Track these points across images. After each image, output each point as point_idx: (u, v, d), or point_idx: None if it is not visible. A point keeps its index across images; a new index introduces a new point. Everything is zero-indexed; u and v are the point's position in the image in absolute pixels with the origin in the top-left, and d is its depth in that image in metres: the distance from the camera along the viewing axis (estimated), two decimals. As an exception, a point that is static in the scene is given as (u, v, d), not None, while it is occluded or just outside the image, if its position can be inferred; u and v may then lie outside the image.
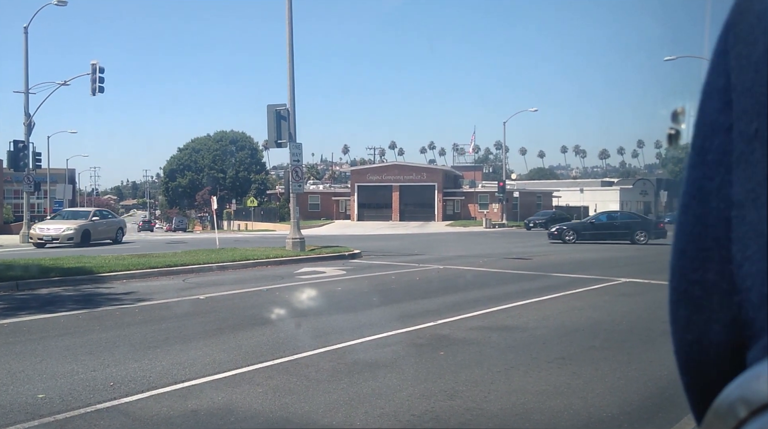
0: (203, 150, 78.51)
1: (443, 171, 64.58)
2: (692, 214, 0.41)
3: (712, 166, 0.40)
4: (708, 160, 0.40)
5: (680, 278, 0.42)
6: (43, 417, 4.36)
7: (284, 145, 19.13)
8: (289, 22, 19.09)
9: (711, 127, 0.40)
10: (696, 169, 0.41)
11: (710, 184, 0.40)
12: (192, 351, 6.31)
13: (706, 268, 0.40)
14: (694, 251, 0.41)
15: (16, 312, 8.78)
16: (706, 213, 0.40)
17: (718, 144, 0.40)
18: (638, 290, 10.51)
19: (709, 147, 0.40)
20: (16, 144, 27.93)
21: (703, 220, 0.40)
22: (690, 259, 0.41)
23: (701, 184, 0.41)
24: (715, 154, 0.40)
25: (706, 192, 0.40)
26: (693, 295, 0.41)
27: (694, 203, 0.41)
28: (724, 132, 0.39)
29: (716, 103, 0.40)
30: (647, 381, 5.19)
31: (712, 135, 0.40)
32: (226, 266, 14.77)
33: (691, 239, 0.41)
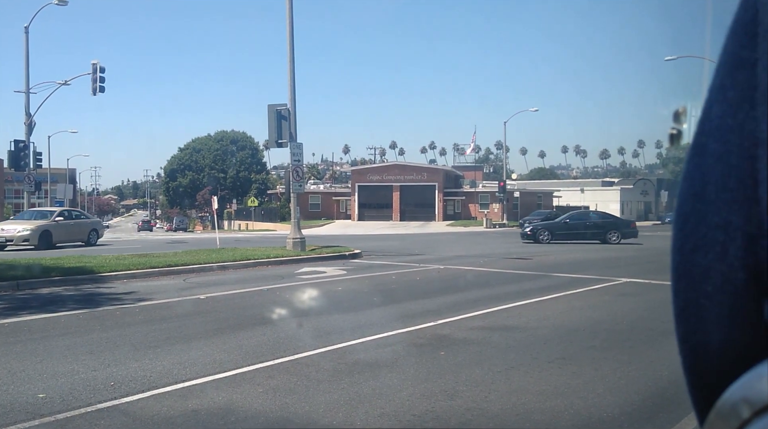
0: (204, 150, 78.53)
1: (444, 171, 64.57)
2: (711, 153, 0.39)
3: (734, 103, 0.38)
4: (729, 96, 0.38)
5: (698, 223, 0.39)
6: (44, 416, 4.36)
7: (285, 145, 19.14)
8: (289, 21, 19.09)
9: (735, 62, 0.39)
10: (715, 107, 0.39)
11: (732, 121, 0.38)
12: (193, 351, 6.31)
13: (730, 210, 0.37)
14: (716, 193, 0.38)
15: (17, 311, 8.78)
16: (729, 151, 0.38)
17: (742, 79, 0.38)
18: (639, 290, 10.50)
19: (730, 83, 0.39)
20: (17, 143, 27.92)
21: (724, 159, 0.38)
22: (711, 203, 0.38)
23: (721, 121, 0.38)
24: (738, 89, 0.38)
25: (729, 129, 0.38)
26: (715, 240, 0.38)
27: (712, 142, 0.39)
28: (749, 67, 0.38)
29: (741, 38, 0.39)
30: (648, 381, 5.19)
31: (736, 70, 0.38)
32: (226, 266, 14.77)
33: (712, 181, 0.38)
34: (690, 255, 0.40)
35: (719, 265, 0.38)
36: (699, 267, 0.39)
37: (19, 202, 52.67)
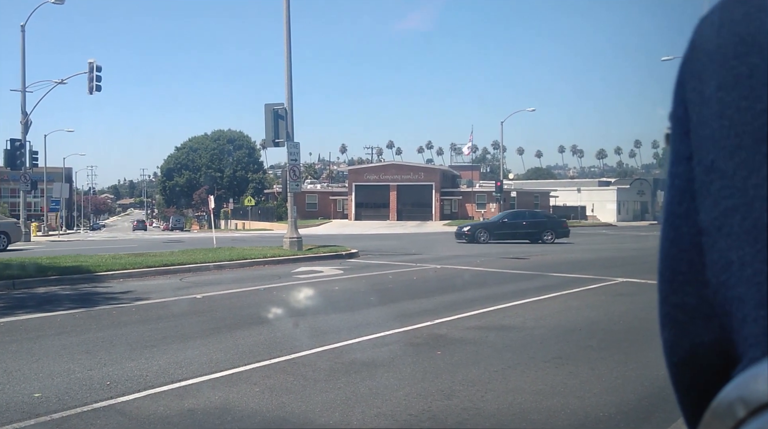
0: (201, 149, 78.44)
1: (441, 170, 64.60)
2: (667, 237, 0.41)
3: (679, 193, 0.40)
4: (676, 185, 0.41)
5: (663, 301, 0.42)
6: (40, 416, 4.35)
7: (282, 145, 19.13)
8: (286, 21, 19.08)
9: (675, 155, 0.41)
10: (668, 193, 0.42)
11: (679, 209, 0.40)
12: (189, 350, 6.31)
13: (685, 292, 0.40)
14: (672, 275, 0.41)
15: (13, 311, 8.76)
16: (679, 238, 0.40)
17: (682, 171, 0.40)
18: (635, 290, 10.52)
19: (675, 173, 0.41)
20: (13, 142, 27.87)
21: (677, 244, 0.40)
22: (669, 283, 0.41)
23: (672, 208, 0.41)
24: (681, 180, 0.40)
25: (677, 217, 0.40)
26: (676, 319, 0.41)
27: (667, 227, 0.41)
28: (686, 160, 0.40)
29: (678, 131, 0.41)
30: (644, 381, 5.20)
31: (677, 162, 0.41)
32: (223, 265, 14.75)
33: (668, 264, 0.41)
34: (661, 329, 0.43)
35: (681, 340, 0.41)
36: (667, 341, 0.42)
37: (15, 202, 52.54)
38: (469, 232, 25.81)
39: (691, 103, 0.40)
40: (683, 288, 0.40)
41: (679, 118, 0.41)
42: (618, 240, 28.46)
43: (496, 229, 26.29)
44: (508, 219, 27.51)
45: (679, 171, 0.41)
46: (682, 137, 0.40)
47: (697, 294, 0.39)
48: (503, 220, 27.44)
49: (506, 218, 27.66)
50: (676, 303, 0.41)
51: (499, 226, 26.57)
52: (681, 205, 0.40)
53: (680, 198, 0.40)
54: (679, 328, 0.40)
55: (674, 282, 0.41)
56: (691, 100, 0.40)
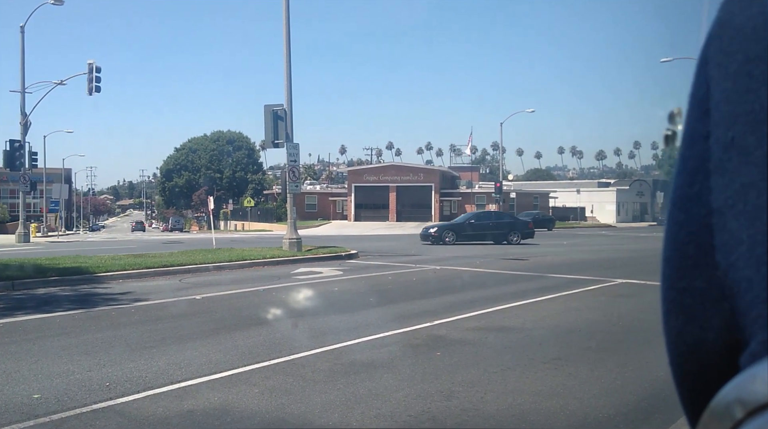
0: (200, 150, 78.44)
1: (440, 172, 64.59)
2: (676, 221, 0.41)
3: (692, 174, 0.40)
4: (689, 167, 0.41)
5: (669, 287, 0.42)
6: (39, 417, 4.35)
7: (281, 146, 19.13)
8: (286, 22, 19.09)
9: (691, 135, 0.41)
10: (678, 177, 0.42)
11: (691, 191, 0.40)
12: (188, 351, 6.30)
13: (693, 275, 0.40)
14: (680, 259, 0.41)
15: (12, 312, 8.76)
16: (689, 220, 0.40)
17: (697, 151, 0.40)
18: (634, 291, 10.52)
19: (689, 155, 0.41)
20: (13, 143, 27.86)
21: (686, 227, 0.40)
22: (676, 268, 0.41)
23: (683, 191, 0.41)
24: (694, 161, 0.40)
25: (688, 199, 0.40)
26: (683, 304, 0.40)
27: (676, 211, 0.41)
28: (702, 140, 0.40)
29: (696, 111, 0.41)
30: (644, 382, 5.20)
31: (692, 143, 0.41)
32: (222, 266, 14.75)
33: (676, 247, 0.41)
34: (665, 317, 0.42)
35: (689, 327, 0.40)
36: (673, 329, 0.42)
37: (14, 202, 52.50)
38: (436, 234, 25.37)
39: (714, 80, 0.40)
40: (692, 271, 0.40)
41: (699, 99, 0.41)
42: (617, 241, 28.46)
43: (463, 231, 25.87)
44: (475, 220, 27.16)
45: (694, 152, 0.40)
46: (701, 117, 0.40)
47: (706, 277, 0.39)
48: (470, 220, 26.98)
49: (473, 219, 27.26)
50: (684, 287, 0.40)
51: (465, 228, 26.12)
52: (693, 186, 0.40)
53: (692, 179, 0.40)
54: (687, 314, 0.40)
55: (682, 266, 0.40)
56: (715, 76, 0.40)
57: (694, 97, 0.42)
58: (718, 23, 0.41)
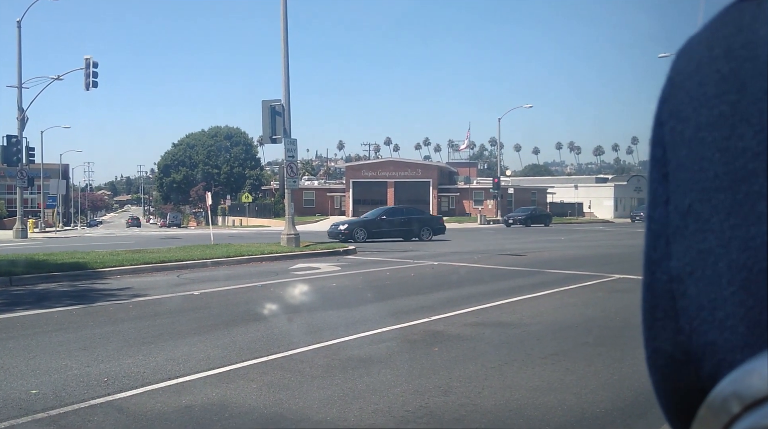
0: (198, 145, 78.29)
1: (438, 167, 64.60)
2: (644, 283, 0.42)
3: (655, 238, 0.40)
4: (653, 230, 0.41)
5: (645, 346, 0.42)
6: (36, 413, 4.35)
7: (279, 141, 19.10)
8: (283, 17, 19.04)
9: (653, 198, 0.41)
10: (646, 237, 0.42)
11: (654, 255, 0.40)
12: (186, 347, 6.30)
13: (661, 338, 0.40)
14: (650, 321, 0.41)
15: (10, 307, 8.75)
16: (653, 284, 0.40)
17: (658, 216, 0.40)
18: (632, 287, 10.54)
19: (653, 217, 0.41)
20: (10, 139, 27.80)
21: (651, 290, 0.41)
22: (647, 329, 0.42)
23: (648, 254, 0.41)
24: (657, 225, 0.40)
25: (652, 262, 0.40)
26: (656, 364, 0.41)
27: (645, 273, 0.41)
28: (663, 204, 0.40)
29: (656, 174, 0.40)
30: (640, 377, 5.21)
31: (655, 206, 0.40)
32: (220, 262, 14.75)
33: (647, 309, 0.42)
34: (648, 370, 0.43)
35: (664, 383, 0.41)
36: (652, 383, 0.42)
37: (11, 198, 52.40)
38: (347, 231, 23.77)
39: (670, 145, 0.39)
40: (660, 334, 0.40)
41: (657, 160, 0.40)
42: (615, 237, 28.49)
43: (375, 227, 24.82)
44: (387, 216, 26.07)
45: (656, 215, 0.40)
46: (661, 180, 0.40)
47: (672, 340, 0.39)
48: (381, 217, 25.81)
49: (384, 215, 26.16)
50: (655, 348, 0.41)
51: (377, 224, 25.09)
52: (656, 250, 0.40)
53: (655, 244, 0.40)
54: (660, 373, 0.41)
55: (652, 328, 0.41)
56: (670, 142, 0.39)
57: (653, 159, 0.41)
58: (671, 84, 0.40)
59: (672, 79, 0.40)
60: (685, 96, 0.39)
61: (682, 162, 0.38)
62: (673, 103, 0.40)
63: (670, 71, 0.40)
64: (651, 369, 0.42)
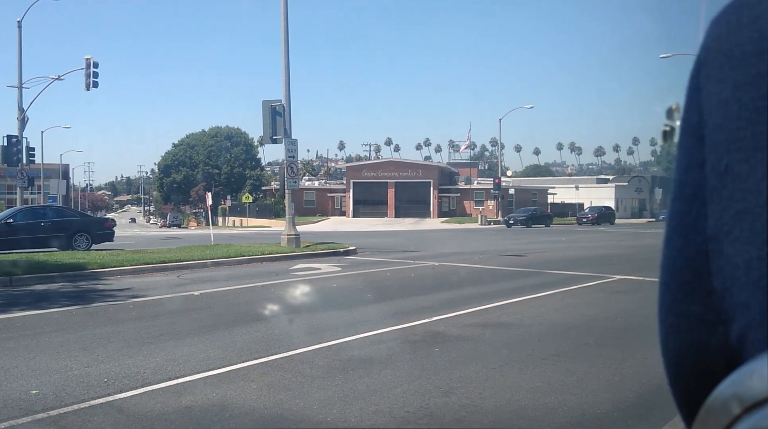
0: (198, 145, 78.32)
1: (439, 167, 64.61)
2: (674, 247, 0.42)
3: (689, 201, 0.41)
4: (685, 194, 0.41)
5: (667, 312, 0.42)
6: (36, 413, 4.35)
7: (279, 141, 19.10)
8: (284, 17, 19.05)
9: (687, 163, 0.42)
10: (676, 203, 0.42)
11: (688, 217, 0.41)
12: (186, 347, 6.30)
13: (690, 301, 0.40)
14: (677, 284, 0.41)
15: (10, 308, 8.75)
16: (686, 246, 0.41)
17: (693, 179, 0.41)
18: (633, 287, 10.54)
19: (685, 181, 0.41)
20: (10, 139, 27.78)
21: (683, 253, 0.41)
22: (673, 293, 0.42)
23: (680, 217, 0.41)
24: (691, 188, 0.41)
25: (685, 226, 0.41)
26: (680, 328, 0.41)
27: (675, 236, 0.42)
28: (698, 167, 0.40)
29: (691, 139, 0.41)
30: (642, 378, 5.21)
31: (688, 170, 0.41)
32: (220, 262, 14.75)
33: (674, 273, 0.42)
34: (663, 340, 0.43)
35: (687, 350, 0.41)
36: (672, 352, 0.42)
37: (11, 198, 52.42)
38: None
39: (707, 108, 0.40)
40: (689, 297, 0.40)
41: (692, 125, 0.41)
42: (615, 237, 28.49)
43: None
44: (17, 219, 19.25)
45: (690, 179, 0.41)
46: (696, 144, 0.41)
47: (702, 302, 0.39)
48: (8, 220, 18.91)
49: (12, 218, 19.16)
50: (680, 312, 0.41)
51: (2, 231, 18.28)
52: (690, 213, 0.41)
53: (689, 206, 0.41)
54: (684, 338, 0.41)
55: (680, 292, 0.41)
56: (707, 104, 0.40)
57: (687, 124, 0.42)
58: (706, 49, 0.41)
59: (707, 45, 0.41)
60: (723, 58, 0.39)
61: (719, 123, 0.39)
62: (710, 68, 0.40)
63: (705, 39, 0.41)
64: (673, 335, 0.42)
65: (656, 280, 0.43)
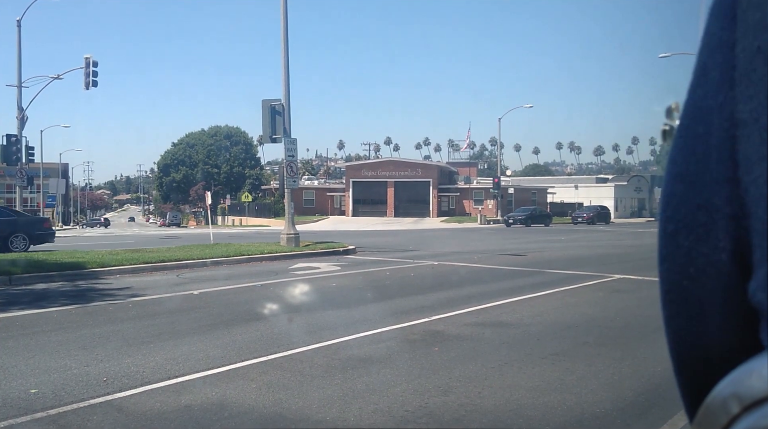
0: (197, 145, 78.28)
1: (438, 167, 64.59)
2: (693, 134, 0.39)
3: (714, 84, 0.39)
4: (711, 77, 0.39)
5: (680, 204, 0.39)
6: (36, 412, 4.35)
7: (279, 141, 19.09)
8: (283, 17, 19.04)
9: (715, 44, 0.39)
10: (698, 88, 0.40)
11: (713, 102, 0.38)
12: (186, 346, 6.30)
13: (711, 191, 0.38)
14: (697, 174, 0.39)
15: (9, 307, 8.75)
16: (709, 132, 0.38)
17: (721, 61, 0.38)
18: (632, 287, 10.54)
19: (712, 64, 0.39)
20: (9, 138, 27.76)
21: (705, 140, 0.38)
22: (692, 183, 0.39)
23: (703, 102, 0.39)
24: (718, 71, 0.38)
25: (709, 110, 0.38)
26: (696, 222, 0.38)
27: (694, 124, 0.39)
28: (727, 48, 0.38)
29: (720, 19, 0.39)
30: (641, 377, 5.21)
31: (716, 51, 0.39)
32: (220, 262, 14.74)
33: (694, 161, 0.39)
34: (673, 237, 0.40)
35: (701, 246, 0.38)
36: (682, 249, 0.39)
37: (11, 197, 52.38)
38: None
39: None
40: (710, 187, 0.38)
41: (725, 5, 0.39)
42: (615, 237, 28.49)
43: None
44: None
45: (718, 60, 0.39)
46: (727, 25, 0.38)
47: (724, 193, 0.37)
48: None
49: None
50: (700, 204, 0.38)
51: None
52: (716, 97, 0.38)
53: (716, 90, 0.38)
54: (700, 231, 0.38)
55: (699, 181, 0.38)
56: None
57: (718, 4, 0.40)
58: None
59: None
60: None
61: (755, 2, 0.37)
62: None
63: None
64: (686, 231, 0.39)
65: (656, 280, 0.42)
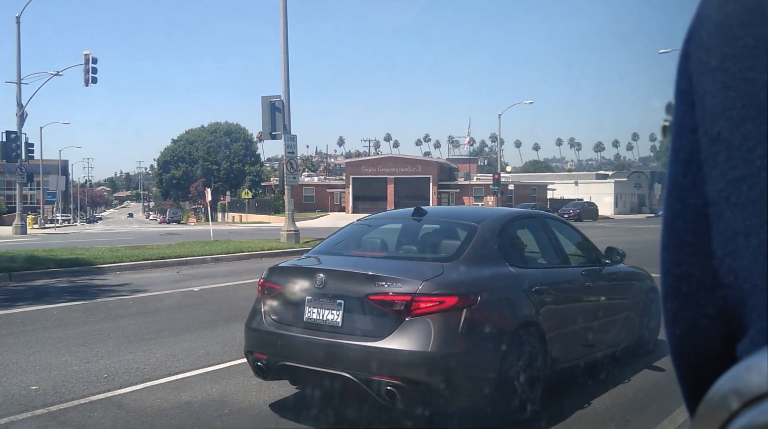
0: (197, 141, 78.21)
1: (438, 163, 64.57)
2: (672, 210, 0.42)
3: (685, 164, 0.41)
4: (681, 158, 0.41)
5: (666, 273, 0.42)
6: (36, 409, 4.35)
7: (279, 137, 19.07)
8: (283, 13, 19.00)
9: (680, 127, 0.41)
10: (672, 166, 0.42)
11: (685, 181, 0.41)
12: (186, 343, 6.31)
13: (690, 263, 0.40)
14: (677, 247, 0.41)
15: (10, 303, 8.75)
16: (685, 209, 0.40)
17: (686, 143, 0.41)
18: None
19: (680, 146, 0.41)
20: (9, 135, 27.74)
21: (682, 216, 0.41)
22: (673, 255, 0.41)
23: (677, 180, 0.41)
24: (686, 152, 0.41)
25: (683, 189, 0.41)
26: (679, 291, 0.41)
27: (672, 200, 0.42)
28: (690, 132, 0.40)
29: (682, 104, 0.41)
30: (640, 373, 5.22)
31: (682, 134, 0.41)
32: (220, 258, 14.75)
33: (673, 235, 0.41)
34: (663, 300, 0.43)
35: (685, 312, 0.41)
36: (669, 313, 0.42)
37: (11, 194, 52.40)
38: None
39: (696, 75, 0.40)
40: (688, 259, 0.40)
41: (683, 91, 0.41)
42: (615, 233, 28.47)
43: None
44: None
45: (684, 143, 0.41)
46: (687, 109, 0.41)
47: (701, 265, 0.39)
48: None
49: None
50: (680, 275, 0.41)
51: None
52: (686, 176, 0.40)
53: (686, 170, 0.40)
54: (683, 300, 0.41)
55: (679, 253, 0.41)
56: (696, 71, 0.40)
57: (679, 91, 0.42)
58: (698, 18, 0.41)
59: (700, 14, 0.41)
60: (712, 28, 0.39)
61: (709, 90, 0.39)
62: (700, 36, 0.40)
63: (698, 6, 0.41)
64: (672, 297, 0.42)
65: (655, 276, 0.43)
